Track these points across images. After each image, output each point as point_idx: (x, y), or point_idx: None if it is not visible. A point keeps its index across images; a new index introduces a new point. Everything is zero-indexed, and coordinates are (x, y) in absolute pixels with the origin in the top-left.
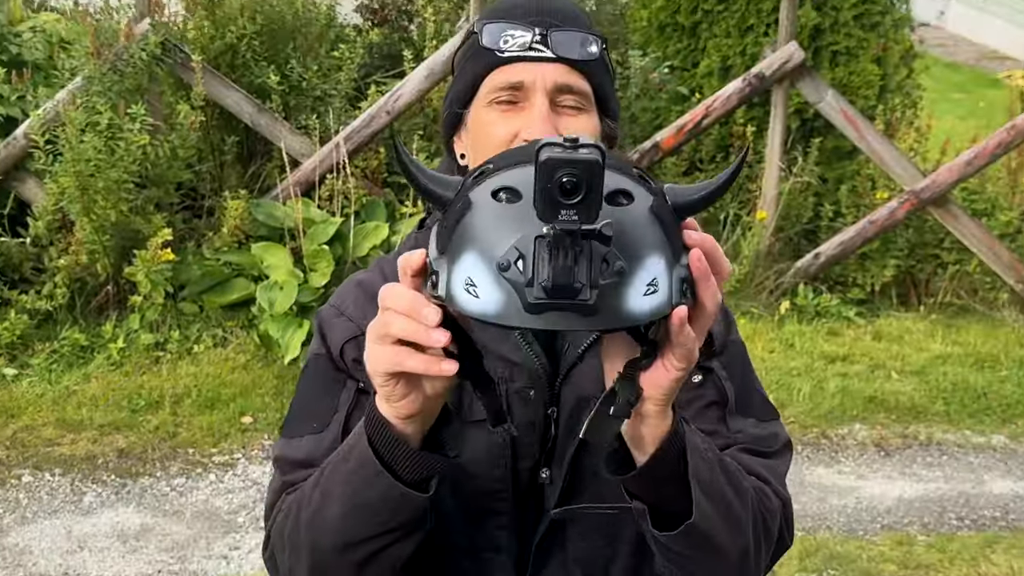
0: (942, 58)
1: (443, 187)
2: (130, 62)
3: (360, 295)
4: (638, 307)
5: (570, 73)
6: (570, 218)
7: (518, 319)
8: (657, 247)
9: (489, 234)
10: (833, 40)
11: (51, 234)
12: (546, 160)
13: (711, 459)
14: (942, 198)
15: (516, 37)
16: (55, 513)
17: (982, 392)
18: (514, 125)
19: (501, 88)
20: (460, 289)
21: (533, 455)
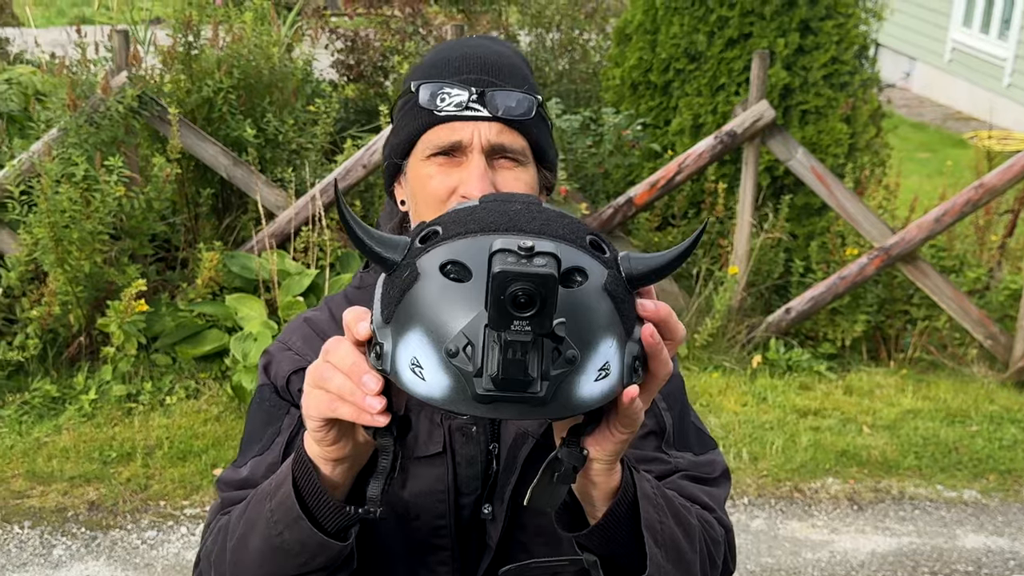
0: (908, 118)
1: (389, 249)
2: (107, 114)
3: (308, 331)
4: (588, 393)
5: (506, 131)
6: (522, 328)
7: (466, 407)
8: (609, 328)
9: (437, 314)
10: (803, 99)
11: (23, 285)
12: (500, 272)
13: (660, 504)
14: (911, 255)
15: (453, 96)
16: (24, 567)
17: (953, 447)
18: (452, 180)
19: (439, 146)
20: (405, 368)
21: (475, 490)
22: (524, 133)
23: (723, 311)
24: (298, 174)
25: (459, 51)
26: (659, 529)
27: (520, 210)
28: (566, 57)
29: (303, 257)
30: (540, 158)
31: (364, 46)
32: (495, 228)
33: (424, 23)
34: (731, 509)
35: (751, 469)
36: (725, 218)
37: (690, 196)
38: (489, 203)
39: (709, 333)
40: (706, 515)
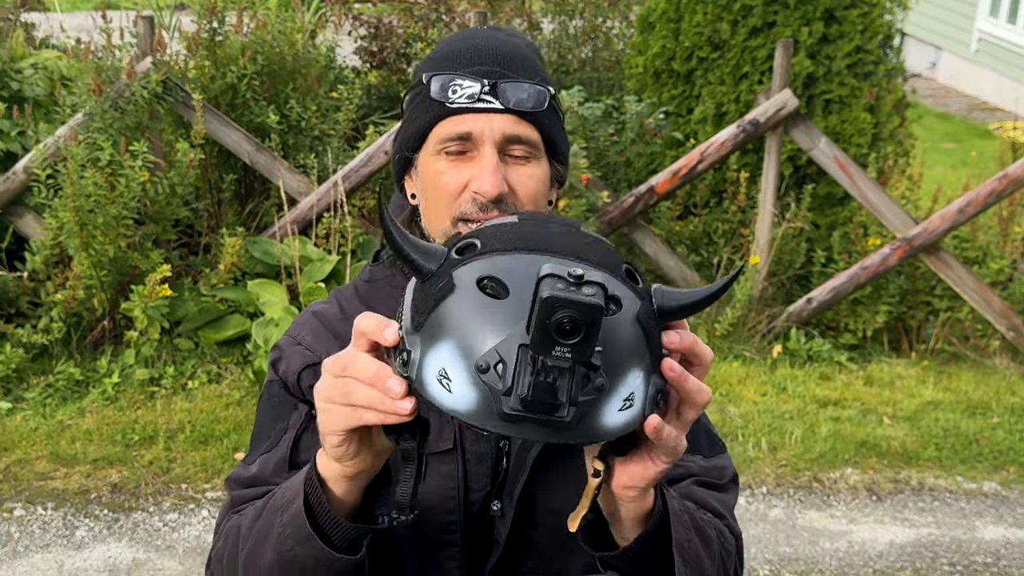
0: (933, 108)
1: (426, 257)
2: (131, 99)
3: (317, 325)
4: (612, 422)
5: (519, 123)
6: (563, 355)
7: (491, 424)
8: (638, 360)
9: (470, 328)
10: (826, 88)
11: (48, 269)
12: (549, 298)
13: (687, 522)
14: (934, 246)
15: (464, 88)
16: (47, 547)
17: (974, 438)
18: (464, 175)
19: (449, 139)
20: (432, 378)
21: (485, 487)
22: (537, 125)
23: (744, 301)
24: (320, 160)
25: (470, 42)
26: (687, 548)
27: (559, 232)
28: (589, 45)
29: (324, 243)
30: (552, 151)
31: (387, 33)
32: (534, 248)
33: (447, 10)
34: (749, 498)
35: (770, 459)
36: (747, 207)
37: (712, 185)
38: (528, 221)
39: (730, 323)
40: (720, 525)
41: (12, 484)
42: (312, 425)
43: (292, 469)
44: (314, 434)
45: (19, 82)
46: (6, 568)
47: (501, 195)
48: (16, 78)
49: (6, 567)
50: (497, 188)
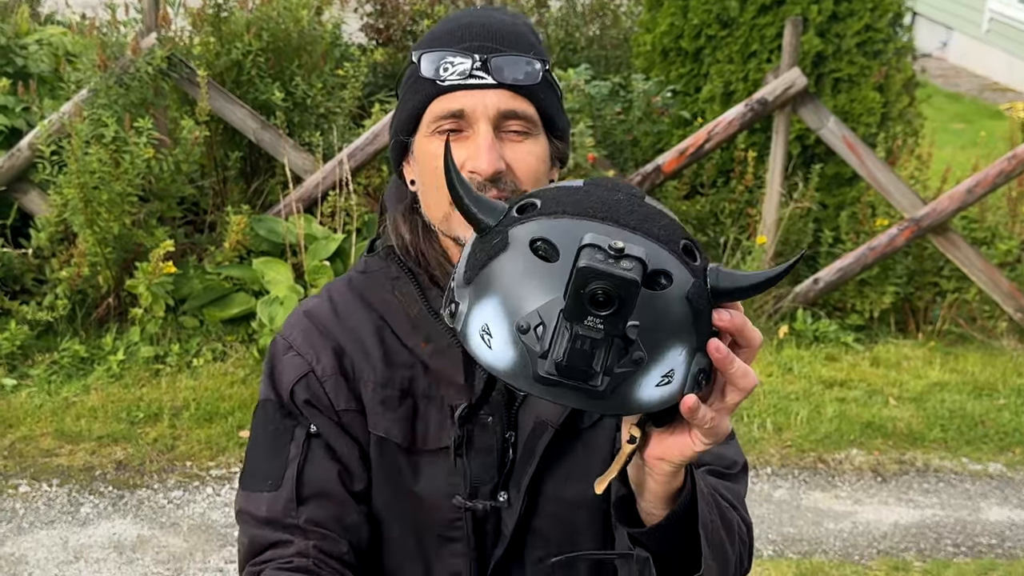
0: (943, 88)
1: (486, 211)
2: (136, 76)
3: (307, 325)
4: (647, 396)
5: (513, 98)
6: (595, 326)
7: (525, 384)
8: (682, 337)
9: (516, 288)
10: (836, 67)
11: (53, 245)
12: (585, 267)
13: (711, 503)
14: (942, 226)
15: (456, 65)
16: (52, 524)
17: (979, 420)
18: (459, 155)
19: (442, 117)
20: (475, 332)
21: (492, 479)
22: (532, 100)
23: None
24: (326, 138)
25: (462, 20)
26: (711, 528)
27: (622, 200)
28: (597, 22)
29: (330, 222)
30: (550, 127)
31: (394, 9)
32: (594, 215)
33: None
34: (754, 479)
35: (775, 439)
36: (754, 187)
37: (719, 164)
38: (592, 188)
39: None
40: (735, 513)
41: (17, 461)
42: (314, 452)
43: (300, 507)
44: (317, 463)
45: (24, 58)
46: (11, 544)
47: (498, 173)
48: (21, 54)
49: (11, 543)
50: (493, 166)
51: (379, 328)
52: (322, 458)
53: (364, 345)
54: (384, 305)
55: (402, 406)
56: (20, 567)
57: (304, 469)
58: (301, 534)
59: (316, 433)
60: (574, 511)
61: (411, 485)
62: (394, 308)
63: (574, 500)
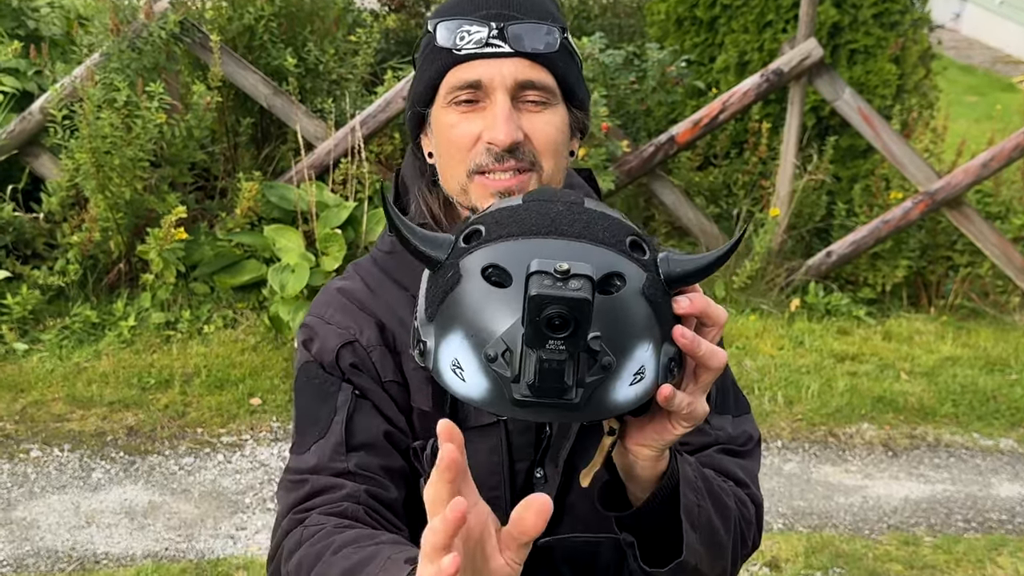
0: (957, 61)
1: (434, 248)
2: (149, 40)
3: (343, 302)
4: (623, 397)
5: (531, 67)
6: (557, 347)
7: (504, 410)
8: (645, 333)
9: (477, 317)
10: (852, 38)
11: (64, 210)
12: (536, 296)
13: (700, 488)
14: (956, 200)
15: (472, 33)
16: (63, 488)
17: (991, 395)
18: (476, 126)
19: (459, 87)
20: (447, 368)
21: (529, 456)
22: (550, 68)
23: (763, 253)
24: (338, 105)
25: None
26: (696, 513)
27: (562, 212)
28: None
29: (341, 189)
30: (569, 97)
31: None
32: (536, 231)
33: None
34: (764, 452)
35: (786, 413)
36: (768, 159)
37: (733, 135)
38: (531, 203)
39: (748, 275)
40: (740, 493)
41: (29, 425)
42: (361, 406)
43: (350, 452)
44: (366, 416)
45: (36, 21)
46: (23, 508)
47: (515, 143)
48: (33, 17)
49: (23, 507)
50: (511, 136)
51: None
52: (370, 412)
53: (403, 321)
54: (415, 284)
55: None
56: (32, 531)
57: (353, 418)
58: (351, 478)
59: (362, 395)
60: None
61: None
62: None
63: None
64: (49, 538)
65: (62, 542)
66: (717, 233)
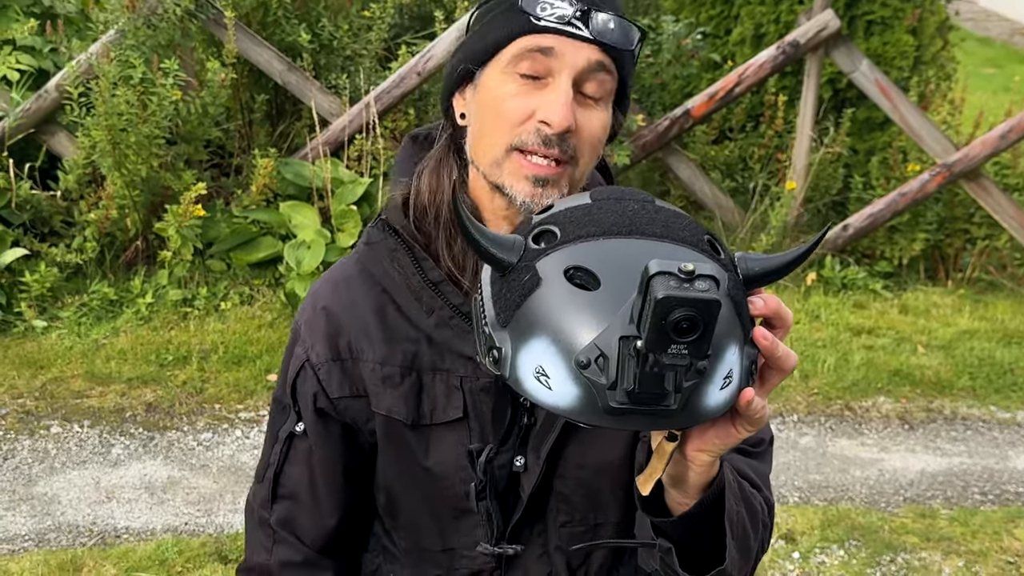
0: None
1: (504, 249)
2: (164, 16)
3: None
4: (715, 402)
5: (603, 58)
6: (680, 353)
7: (596, 419)
8: (732, 335)
9: (564, 322)
10: (869, 9)
11: (81, 188)
12: (664, 298)
13: (737, 494)
14: (974, 172)
15: (555, 7)
16: (83, 464)
17: (1009, 368)
18: (532, 103)
19: (529, 51)
20: (529, 375)
21: (512, 445)
22: (618, 66)
23: (779, 227)
24: (352, 81)
25: None
26: (735, 520)
27: (637, 210)
28: None
29: (356, 165)
30: (619, 99)
31: None
32: (617, 231)
33: None
34: (780, 426)
35: (802, 387)
36: (784, 132)
37: (749, 109)
38: (603, 201)
39: (763, 249)
40: (759, 497)
41: (48, 402)
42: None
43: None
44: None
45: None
46: (44, 483)
47: (569, 129)
48: None
49: (44, 483)
50: (567, 120)
51: (381, 304)
52: (302, 459)
53: (364, 323)
54: (386, 277)
55: (404, 382)
56: (53, 506)
57: (282, 471)
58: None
59: (299, 433)
60: (597, 476)
61: (422, 460)
62: (396, 280)
63: (597, 465)
64: (70, 513)
65: (83, 517)
66: (733, 207)
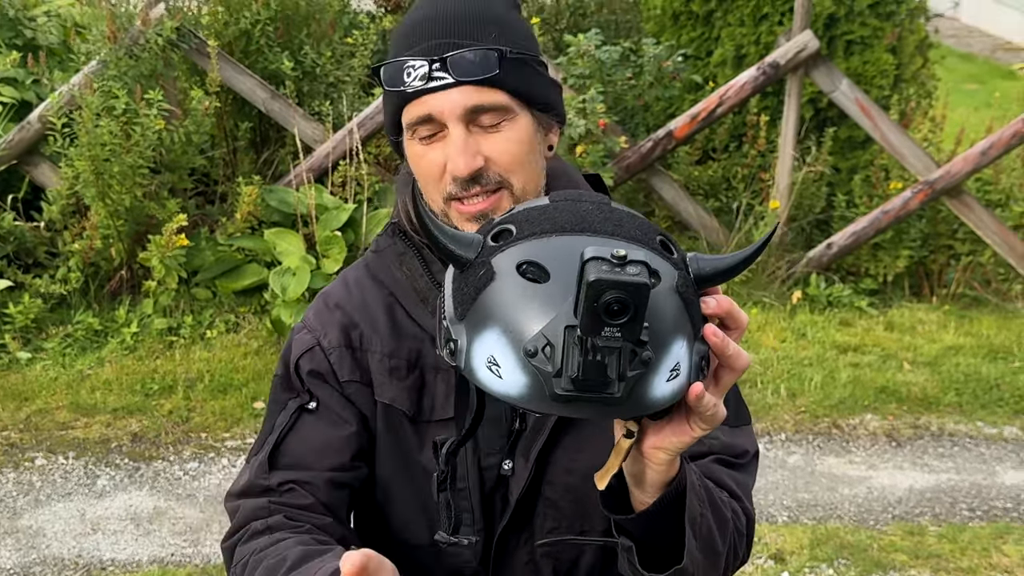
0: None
1: (462, 246)
2: (146, 47)
3: (321, 306)
4: (660, 393)
5: (478, 91)
6: (613, 335)
7: (544, 406)
8: (680, 329)
9: (515, 314)
10: (848, 29)
11: (65, 218)
12: (596, 281)
13: (703, 496)
14: (956, 188)
15: (416, 69)
16: (69, 496)
17: (995, 383)
18: (439, 157)
19: (414, 124)
20: (481, 365)
21: (501, 448)
22: (499, 86)
23: None
24: (335, 107)
25: (417, 16)
26: (699, 522)
27: (591, 210)
28: None
29: (341, 191)
30: (529, 102)
31: None
32: (569, 228)
33: None
34: (768, 445)
35: (789, 405)
36: (767, 151)
37: (731, 129)
38: (560, 202)
39: (749, 268)
40: (735, 506)
41: (33, 434)
42: (300, 423)
43: (272, 471)
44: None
45: (33, 30)
46: (29, 516)
47: (475, 171)
48: (30, 26)
49: (29, 515)
50: (469, 167)
51: (389, 303)
52: (310, 430)
53: (373, 318)
54: (393, 282)
55: (410, 377)
56: (38, 539)
57: (286, 438)
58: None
59: (310, 408)
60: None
61: (416, 455)
62: (402, 284)
63: (584, 471)
64: (55, 546)
65: (68, 549)
66: (717, 227)
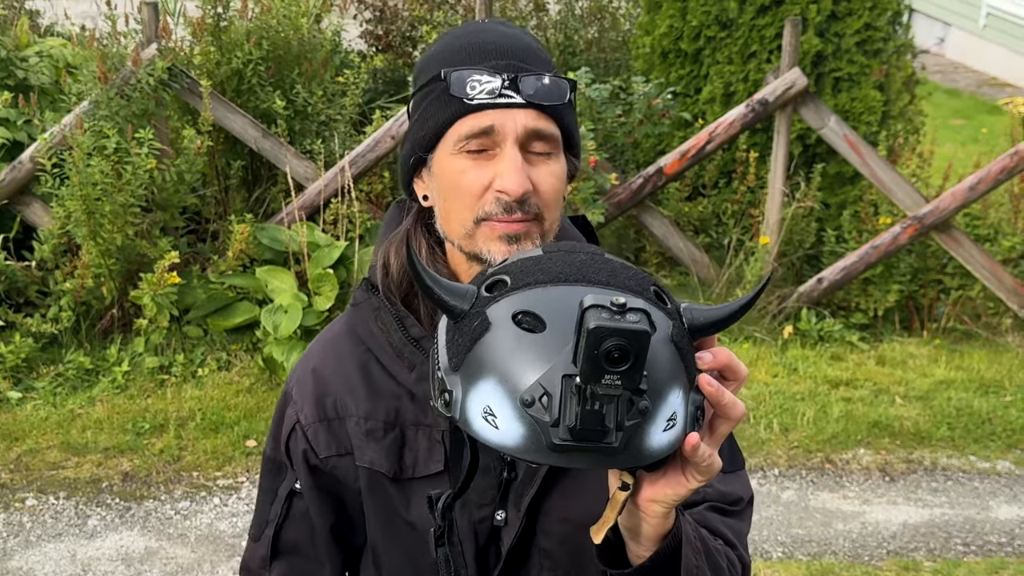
0: (942, 85)
1: (456, 297)
2: (137, 87)
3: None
4: (657, 443)
5: (540, 118)
6: (613, 383)
7: (541, 456)
8: (676, 379)
9: (511, 364)
10: (836, 66)
11: (56, 258)
12: (595, 328)
13: (699, 548)
14: (945, 223)
15: (484, 83)
16: (59, 537)
17: (987, 417)
18: (486, 174)
19: (470, 136)
20: (477, 416)
21: (492, 499)
22: (557, 119)
23: (754, 281)
24: (327, 146)
25: (479, 37)
26: (695, 574)
27: (586, 260)
28: (595, 25)
29: (332, 229)
30: (568, 145)
31: (393, 16)
32: (564, 279)
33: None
34: (761, 480)
35: (782, 440)
36: (756, 187)
37: (721, 165)
38: (554, 253)
39: None
40: (731, 554)
41: (24, 474)
42: (294, 510)
43: (274, 561)
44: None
45: (24, 70)
46: (19, 558)
47: (526, 193)
48: (21, 66)
49: (19, 557)
50: (523, 187)
51: (364, 361)
52: (301, 516)
53: (349, 380)
54: (370, 336)
55: (388, 436)
56: None
57: (283, 527)
58: None
59: (298, 491)
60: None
61: (404, 515)
62: (378, 338)
63: (579, 520)
64: None
65: None
66: (708, 262)
